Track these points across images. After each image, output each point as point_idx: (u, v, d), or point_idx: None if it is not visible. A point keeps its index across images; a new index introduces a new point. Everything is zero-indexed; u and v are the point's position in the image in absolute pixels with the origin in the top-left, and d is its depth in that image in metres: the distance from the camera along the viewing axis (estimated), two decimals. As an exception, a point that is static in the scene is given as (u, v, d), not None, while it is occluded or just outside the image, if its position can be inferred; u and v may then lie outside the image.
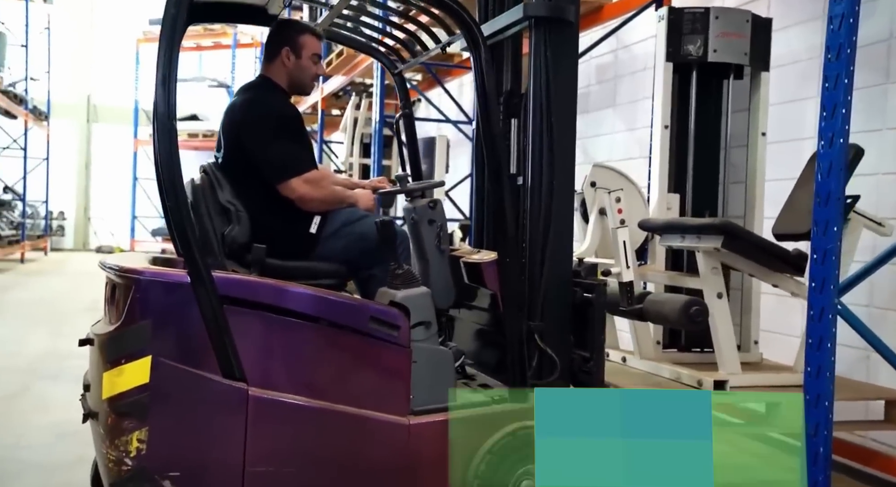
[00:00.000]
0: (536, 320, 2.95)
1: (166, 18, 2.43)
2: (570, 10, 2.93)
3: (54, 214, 18.37)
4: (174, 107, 2.41)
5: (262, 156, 2.96)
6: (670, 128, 3.79)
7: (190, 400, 2.43)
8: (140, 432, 2.37)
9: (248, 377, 2.45)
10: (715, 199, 3.85)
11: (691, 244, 3.19)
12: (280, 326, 2.52)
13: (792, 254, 3.15)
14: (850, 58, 2.43)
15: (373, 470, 2.60)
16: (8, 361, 5.51)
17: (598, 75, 6.69)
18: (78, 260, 15.93)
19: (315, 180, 2.99)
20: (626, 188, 3.58)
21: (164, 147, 2.40)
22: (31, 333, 6.80)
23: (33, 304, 8.97)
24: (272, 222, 2.92)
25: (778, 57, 4.25)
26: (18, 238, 14.79)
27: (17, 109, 14.54)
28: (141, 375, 2.38)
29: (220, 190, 2.86)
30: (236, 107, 3.04)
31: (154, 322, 2.41)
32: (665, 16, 3.73)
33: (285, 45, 3.08)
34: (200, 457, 2.44)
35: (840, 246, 2.48)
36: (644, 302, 3.09)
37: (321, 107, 10.79)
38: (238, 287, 2.49)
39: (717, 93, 3.85)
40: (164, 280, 2.45)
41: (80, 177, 19.08)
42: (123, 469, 2.38)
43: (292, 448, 2.50)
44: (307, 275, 2.87)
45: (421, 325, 2.70)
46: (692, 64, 3.76)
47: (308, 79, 3.15)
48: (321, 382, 2.56)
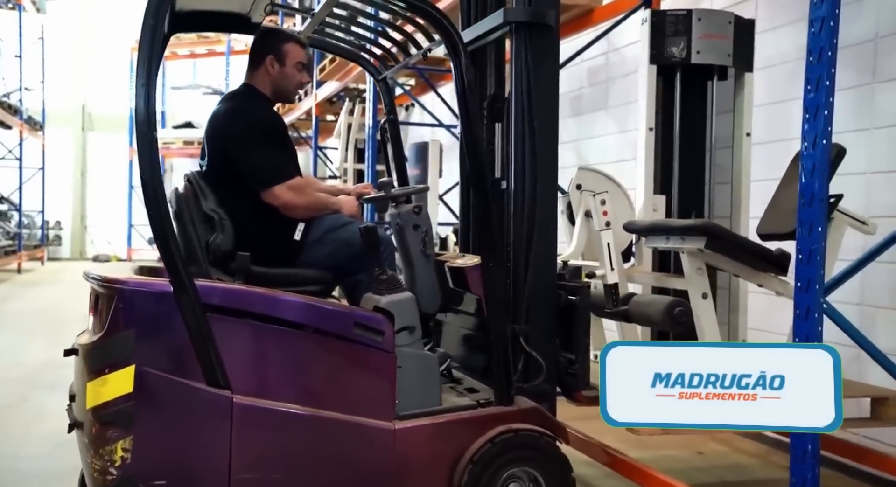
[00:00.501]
0: (521, 323, 2.97)
1: (145, 29, 2.43)
2: (550, 14, 2.95)
3: (51, 224, 18.38)
4: (154, 116, 2.42)
5: (246, 163, 2.97)
6: (655, 130, 3.81)
7: (174, 409, 2.44)
8: (125, 441, 2.38)
9: (232, 384, 2.46)
10: (701, 200, 3.87)
11: (675, 245, 3.20)
12: (264, 333, 2.54)
13: (775, 254, 3.16)
14: (831, 60, 2.44)
15: (359, 475, 2.61)
16: (6, 372, 5.53)
17: (590, 78, 6.70)
18: (75, 269, 15.86)
19: (298, 187, 3.00)
20: (612, 190, 3.59)
21: (145, 156, 2.42)
22: (29, 343, 6.82)
23: (30, 315, 8.98)
24: (256, 230, 2.93)
25: (767, 58, 4.28)
26: (15, 248, 14.81)
27: (12, 120, 14.56)
28: (125, 384, 2.39)
29: (203, 198, 2.87)
30: (220, 115, 3.06)
31: (137, 331, 2.42)
32: (648, 18, 3.75)
33: (269, 53, 3.10)
34: (186, 465, 2.45)
35: (825, 246, 2.50)
36: (629, 304, 3.10)
37: (315, 113, 10.82)
38: (220, 295, 2.50)
39: (701, 94, 3.87)
40: (146, 289, 2.46)
41: (77, 186, 19.10)
42: (108, 479, 2.39)
43: (278, 455, 2.52)
44: (292, 282, 2.89)
45: (405, 330, 2.72)
46: (676, 66, 3.78)
47: (292, 87, 3.16)
48: (306, 388, 2.57)
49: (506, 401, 2.79)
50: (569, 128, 7.11)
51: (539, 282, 2.96)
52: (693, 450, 4.04)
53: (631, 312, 3.08)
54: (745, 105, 3.85)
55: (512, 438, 2.68)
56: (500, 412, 2.77)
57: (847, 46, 2.47)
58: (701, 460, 3.94)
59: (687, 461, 3.89)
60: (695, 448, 4.06)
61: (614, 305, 3.11)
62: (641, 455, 3.44)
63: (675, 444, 4.02)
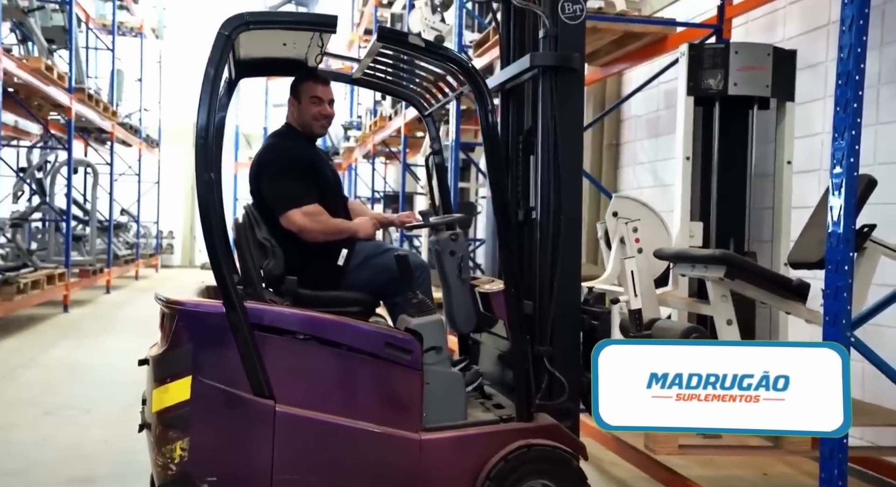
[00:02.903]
0: (546, 345, 3.18)
1: (206, 79, 2.78)
2: (574, 58, 3.16)
3: (164, 234, 19.64)
4: (212, 161, 2.78)
5: (268, 192, 3.31)
6: (694, 159, 3.94)
7: (225, 415, 2.78)
8: (183, 441, 2.74)
9: (275, 395, 2.78)
10: (741, 227, 3.97)
11: (699, 273, 3.34)
12: (304, 350, 2.86)
13: (794, 284, 3.25)
14: (858, 84, 2.52)
15: (387, 480, 2.89)
16: (124, 375, 6.05)
17: (667, 100, 6.82)
18: (184, 276, 16.93)
19: (312, 213, 3.28)
20: (648, 217, 3.74)
21: (203, 196, 2.78)
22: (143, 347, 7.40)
23: (145, 320, 9.68)
24: (303, 256, 3.26)
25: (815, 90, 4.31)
26: (133, 257, 15.92)
27: (133, 139, 15.70)
28: (183, 392, 2.75)
29: (257, 228, 3.23)
30: (259, 152, 3.44)
31: (194, 346, 2.79)
32: (686, 52, 3.89)
33: (291, 94, 3.47)
34: (234, 464, 2.79)
35: (851, 283, 2.55)
36: (652, 329, 3.26)
37: (404, 131, 11.22)
38: (266, 316, 2.84)
39: (741, 123, 3.98)
40: (202, 310, 2.82)
41: (187, 198, 20.31)
42: (169, 474, 2.75)
43: (314, 459, 2.83)
44: (336, 303, 3.20)
45: (433, 350, 2.98)
46: (714, 97, 3.91)
47: (309, 118, 3.45)
48: (341, 400, 2.88)
49: (526, 417, 3.00)
50: (646, 149, 7.24)
51: (563, 307, 3.16)
52: (759, 471, 4.04)
53: (653, 337, 3.24)
54: (785, 134, 3.93)
55: (526, 453, 2.90)
56: (520, 427, 2.99)
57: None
58: (764, 482, 3.94)
59: (750, 481, 3.90)
60: (761, 468, 4.06)
61: (637, 329, 3.28)
62: (705, 473, 3.51)
63: (741, 464, 4.05)
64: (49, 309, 10.00)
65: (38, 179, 11.50)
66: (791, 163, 3.93)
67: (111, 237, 13.34)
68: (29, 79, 8.67)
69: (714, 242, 3.91)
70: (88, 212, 12.61)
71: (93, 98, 11.63)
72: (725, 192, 3.96)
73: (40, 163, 11.69)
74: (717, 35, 5.35)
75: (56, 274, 9.65)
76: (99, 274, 12.25)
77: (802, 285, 3.23)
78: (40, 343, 7.70)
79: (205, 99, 2.78)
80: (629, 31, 5.73)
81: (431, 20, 9.73)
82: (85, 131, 14.19)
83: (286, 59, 3.41)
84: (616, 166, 8.28)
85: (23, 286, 8.27)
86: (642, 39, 5.92)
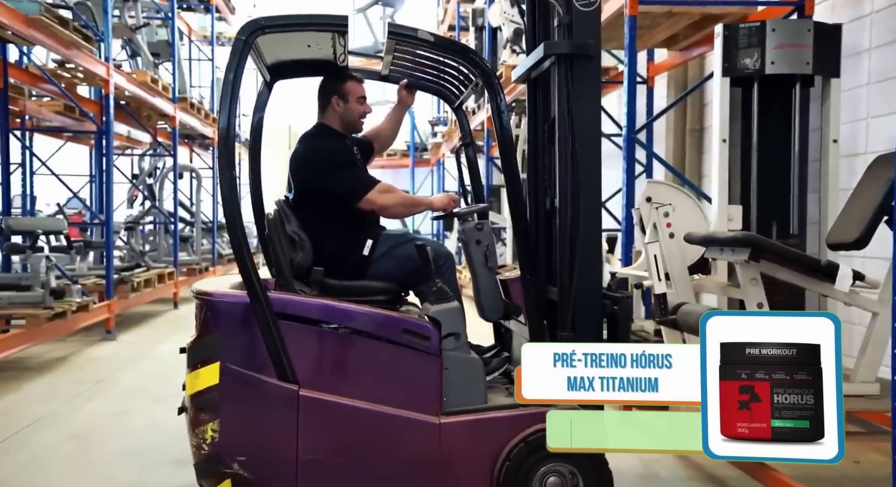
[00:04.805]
0: (567, 330, 3.20)
1: (226, 83, 2.98)
2: (590, 46, 3.16)
3: (260, 235, 20.36)
4: (233, 161, 2.97)
5: (336, 187, 3.45)
6: (733, 141, 3.85)
7: (252, 398, 2.95)
8: (214, 423, 2.94)
9: (299, 380, 2.94)
10: (785, 210, 3.85)
11: (728, 257, 3.28)
12: (326, 337, 3.00)
13: (822, 264, 3.15)
14: None
15: (407, 461, 2.99)
16: None
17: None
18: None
19: (387, 189, 3.46)
20: (683, 201, 3.70)
21: (227, 195, 2.99)
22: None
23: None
24: (330, 248, 3.40)
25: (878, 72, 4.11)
26: (231, 257, 16.61)
27: (232, 143, 16.36)
28: (212, 377, 2.94)
29: (287, 222, 3.39)
30: (300, 155, 3.59)
31: (222, 334, 2.97)
32: (721, 33, 3.81)
33: (334, 94, 3.59)
34: (261, 445, 2.96)
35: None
36: (678, 314, 3.23)
37: (487, 125, 11.30)
38: (290, 304, 2.99)
39: (782, 103, 3.86)
40: (229, 300, 3.01)
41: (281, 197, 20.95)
42: (202, 453, 2.95)
43: (337, 440, 2.96)
44: (362, 293, 3.33)
45: (451, 336, 3.06)
46: (751, 77, 3.81)
47: (356, 118, 3.63)
48: (362, 385, 2.99)
49: (544, 402, 3.04)
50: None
51: (583, 293, 3.17)
52: (851, 459, 3.87)
53: (679, 321, 3.22)
54: (830, 111, 3.79)
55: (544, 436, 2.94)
56: (539, 411, 3.03)
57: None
58: (855, 469, 3.81)
59: (840, 469, 3.73)
60: (853, 456, 3.91)
61: (662, 314, 3.25)
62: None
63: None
64: (161, 306, 10.60)
65: (148, 185, 12.27)
66: (837, 142, 3.78)
67: (215, 237, 13.98)
68: (137, 91, 9.24)
69: (755, 226, 3.81)
70: (194, 214, 13.31)
71: (195, 106, 12.25)
72: (767, 174, 3.86)
73: (150, 170, 12.44)
74: (797, 12, 5.09)
75: (166, 273, 10.23)
76: (205, 273, 12.88)
77: (830, 265, 3.12)
78: (153, 337, 8.19)
79: (225, 102, 2.96)
80: (707, 14, 5.59)
81: (511, 13, 9.74)
82: (189, 138, 14.91)
83: (316, 60, 3.57)
84: (700, 151, 8.10)
85: (136, 285, 8.83)
86: (726, 19, 5.72)
